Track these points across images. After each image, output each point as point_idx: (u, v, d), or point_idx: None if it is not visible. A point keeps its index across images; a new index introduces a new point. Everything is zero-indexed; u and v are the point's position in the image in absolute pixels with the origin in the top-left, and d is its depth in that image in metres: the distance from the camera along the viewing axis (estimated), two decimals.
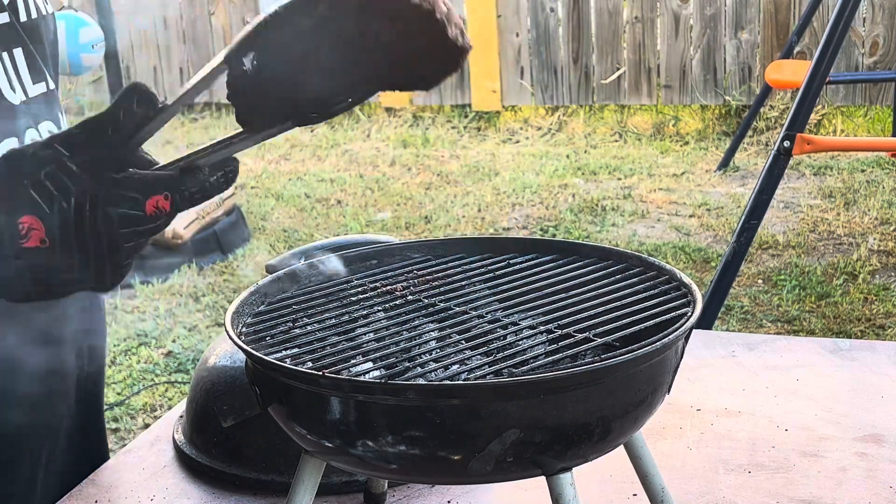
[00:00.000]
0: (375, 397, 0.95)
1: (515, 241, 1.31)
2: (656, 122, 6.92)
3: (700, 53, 6.74)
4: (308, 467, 1.08)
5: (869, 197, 5.49)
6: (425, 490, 1.34)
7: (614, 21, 6.86)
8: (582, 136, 6.90)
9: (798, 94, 3.45)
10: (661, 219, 5.45)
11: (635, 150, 6.58)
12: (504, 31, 7.05)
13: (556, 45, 7.00)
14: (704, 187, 5.88)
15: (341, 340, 1.09)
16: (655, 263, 1.21)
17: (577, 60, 6.97)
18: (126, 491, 1.37)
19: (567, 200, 5.75)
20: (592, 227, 5.37)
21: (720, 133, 6.73)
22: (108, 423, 3.77)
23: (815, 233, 5.11)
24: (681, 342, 1.05)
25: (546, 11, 6.96)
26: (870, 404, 1.50)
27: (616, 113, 7.03)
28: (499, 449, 0.95)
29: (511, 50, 7.07)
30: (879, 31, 6.38)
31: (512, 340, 1.09)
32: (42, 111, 1.35)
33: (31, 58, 1.33)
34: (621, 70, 6.91)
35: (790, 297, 4.41)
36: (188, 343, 4.33)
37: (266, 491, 1.35)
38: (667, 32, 6.78)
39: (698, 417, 1.49)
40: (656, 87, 6.88)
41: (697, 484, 1.33)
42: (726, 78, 6.71)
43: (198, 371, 1.46)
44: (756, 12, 6.59)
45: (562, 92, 7.05)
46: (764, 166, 3.45)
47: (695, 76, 6.77)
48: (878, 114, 6.52)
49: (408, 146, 6.95)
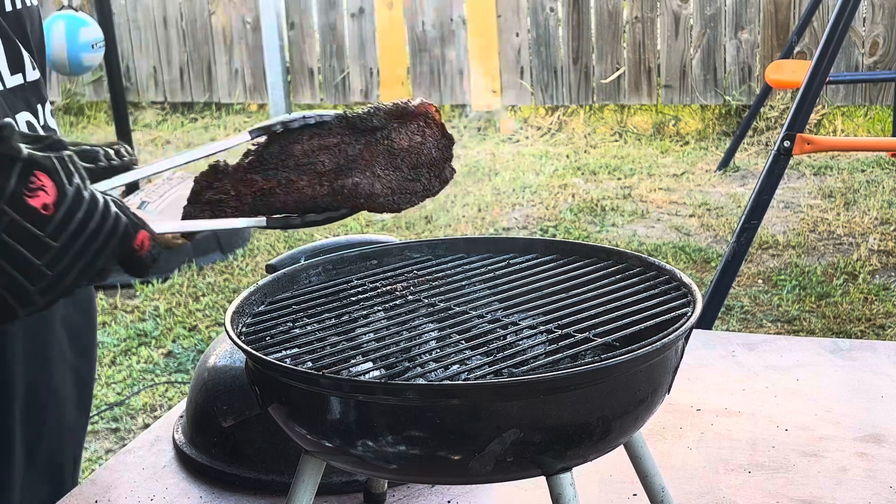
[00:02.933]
0: (375, 397, 0.95)
1: (515, 241, 1.31)
2: (656, 122, 6.92)
3: (700, 53, 6.74)
4: (308, 467, 1.08)
5: (869, 197, 5.49)
6: (425, 490, 1.34)
7: (614, 21, 6.86)
8: (582, 136, 6.89)
9: (798, 94, 3.45)
10: (661, 219, 5.45)
11: (635, 150, 6.58)
12: (504, 31, 7.05)
13: (556, 45, 7.00)
14: (704, 187, 5.88)
15: (341, 340, 1.09)
16: (655, 263, 1.21)
17: (577, 60, 6.97)
18: (126, 491, 1.37)
19: (567, 200, 5.75)
20: (592, 227, 5.37)
21: (720, 133, 6.73)
22: (108, 423, 3.77)
23: (815, 233, 5.11)
24: (681, 342, 1.05)
25: (546, 11, 6.96)
26: (870, 404, 1.50)
27: (616, 113, 7.03)
28: (499, 449, 0.95)
29: (511, 50, 7.07)
30: (879, 31, 6.38)
31: (512, 340, 1.09)
32: (19, 102, 1.35)
33: (12, 49, 1.33)
34: (621, 70, 6.91)
35: (790, 297, 4.41)
36: (188, 343, 4.33)
37: (266, 491, 1.35)
38: (667, 32, 6.78)
39: (698, 417, 1.49)
40: (656, 87, 6.88)
41: (697, 484, 1.33)
42: (726, 78, 6.71)
43: (198, 371, 1.46)
44: (756, 12, 6.59)
45: (562, 92, 7.05)
46: (764, 166, 3.45)
47: (695, 76, 6.77)
48: (878, 114, 6.52)
49: None
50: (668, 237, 5.18)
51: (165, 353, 4.28)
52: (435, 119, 1.16)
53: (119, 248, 0.95)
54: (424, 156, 1.16)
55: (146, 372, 4.12)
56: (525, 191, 5.91)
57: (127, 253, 0.97)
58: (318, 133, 1.13)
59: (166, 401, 3.91)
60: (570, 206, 5.64)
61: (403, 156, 1.15)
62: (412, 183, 1.16)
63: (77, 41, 4.38)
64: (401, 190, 1.16)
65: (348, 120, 1.14)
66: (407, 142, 1.15)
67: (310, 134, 1.14)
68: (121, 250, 0.96)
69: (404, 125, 1.15)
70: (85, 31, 4.42)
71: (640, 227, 5.34)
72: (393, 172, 1.15)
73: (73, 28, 4.39)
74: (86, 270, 0.94)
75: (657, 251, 4.93)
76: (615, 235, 5.23)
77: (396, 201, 1.16)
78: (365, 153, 1.14)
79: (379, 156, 1.14)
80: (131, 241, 0.96)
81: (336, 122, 1.14)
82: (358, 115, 1.14)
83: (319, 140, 1.13)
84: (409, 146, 1.15)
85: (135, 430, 3.71)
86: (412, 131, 1.15)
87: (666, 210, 5.56)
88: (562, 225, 5.40)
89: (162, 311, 4.61)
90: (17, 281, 0.90)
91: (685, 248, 4.97)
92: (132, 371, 4.12)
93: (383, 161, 1.13)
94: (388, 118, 1.15)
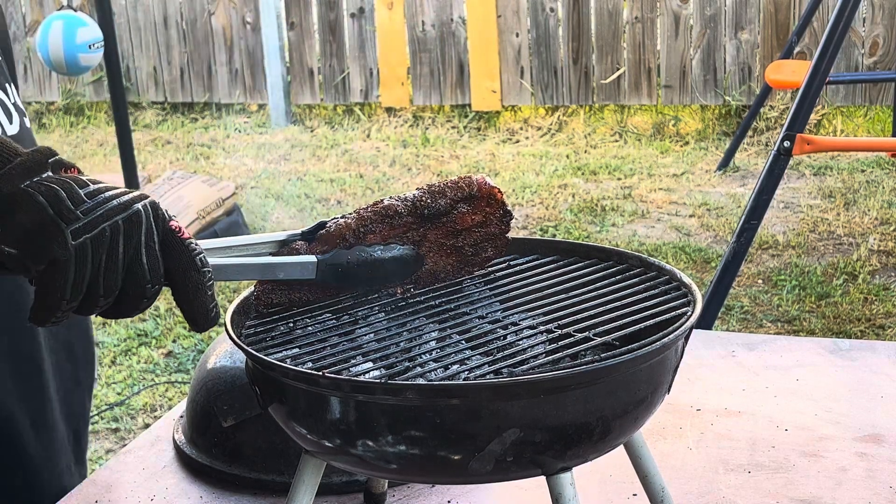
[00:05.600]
0: (375, 397, 0.95)
1: (516, 241, 1.31)
2: (656, 122, 6.92)
3: (700, 53, 6.74)
4: (308, 467, 1.08)
5: (869, 197, 5.49)
6: (425, 490, 1.34)
7: (614, 21, 6.86)
8: (582, 136, 6.89)
9: (798, 94, 3.45)
10: (661, 219, 5.45)
11: (635, 150, 6.58)
12: (504, 31, 7.05)
13: (556, 45, 7.00)
14: (704, 187, 5.88)
15: (341, 341, 1.09)
16: (655, 263, 1.21)
17: (577, 60, 6.97)
18: (126, 491, 1.37)
19: (567, 200, 5.75)
20: (592, 227, 5.37)
21: (720, 133, 6.73)
22: (108, 423, 3.77)
23: (815, 233, 5.11)
24: (681, 342, 1.05)
25: (546, 11, 6.96)
26: (870, 404, 1.50)
27: (616, 113, 7.03)
28: (499, 449, 0.95)
29: (511, 50, 7.07)
30: (879, 31, 6.38)
31: (512, 340, 1.09)
32: None
33: None
34: (621, 70, 6.90)
35: (790, 297, 4.41)
36: (188, 343, 4.33)
37: (266, 491, 1.35)
38: (667, 32, 6.78)
39: (698, 417, 1.49)
40: (656, 87, 6.88)
41: (697, 484, 1.33)
42: (726, 78, 6.71)
43: (198, 371, 1.46)
44: (756, 12, 6.59)
45: (562, 92, 7.05)
46: (764, 166, 3.45)
47: (695, 76, 6.77)
48: (878, 114, 6.52)
49: (408, 146, 6.95)
50: (668, 237, 5.18)
51: (165, 353, 4.28)
52: (497, 199, 1.17)
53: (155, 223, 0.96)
54: (486, 233, 1.18)
55: (146, 372, 4.12)
56: (525, 191, 5.91)
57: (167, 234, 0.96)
58: (390, 224, 1.14)
59: (166, 401, 3.91)
60: (570, 207, 5.64)
61: (465, 235, 1.17)
62: (474, 257, 1.19)
63: (74, 41, 4.38)
64: (463, 265, 1.19)
65: (416, 207, 1.14)
66: (469, 221, 1.16)
67: (381, 225, 1.14)
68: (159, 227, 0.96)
69: (468, 206, 1.16)
70: (82, 32, 4.41)
71: (640, 228, 5.34)
72: (457, 251, 1.17)
73: (70, 28, 4.38)
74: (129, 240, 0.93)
75: (657, 251, 4.93)
76: (615, 236, 5.23)
77: (458, 276, 1.19)
78: (429, 235, 1.15)
79: (443, 237, 1.16)
80: (166, 221, 0.97)
81: (405, 210, 1.14)
82: (426, 203, 1.14)
83: (390, 231, 1.14)
84: (472, 225, 1.17)
85: (135, 430, 3.71)
86: (475, 213, 1.17)
87: (666, 210, 5.56)
88: (562, 225, 5.40)
89: (162, 311, 4.61)
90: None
91: (685, 248, 4.97)
92: (132, 371, 4.12)
93: (448, 241, 1.16)
94: (453, 203, 1.15)
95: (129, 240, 0.94)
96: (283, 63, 7.53)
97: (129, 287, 0.94)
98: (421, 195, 1.14)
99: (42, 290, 0.92)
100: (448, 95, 7.25)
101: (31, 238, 0.91)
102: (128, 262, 0.94)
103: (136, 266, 0.94)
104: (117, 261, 0.93)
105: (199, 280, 0.97)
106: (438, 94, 7.26)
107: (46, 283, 0.92)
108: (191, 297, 0.97)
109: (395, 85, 7.34)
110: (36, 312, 0.94)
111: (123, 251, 0.93)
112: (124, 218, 0.93)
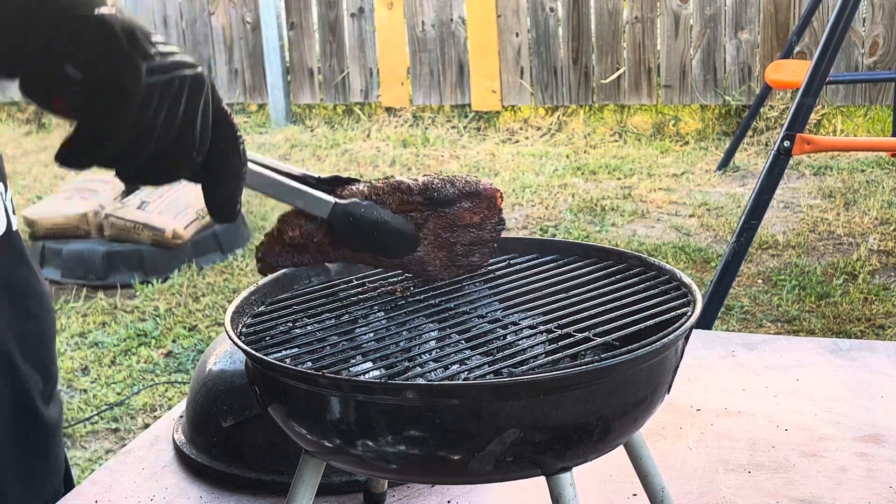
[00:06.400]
0: (375, 397, 0.95)
1: (515, 241, 1.31)
2: (656, 122, 6.92)
3: (700, 53, 6.74)
4: (308, 467, 1.08)
5: (869, 197, 5.49)
6: (425, 490, 1.34)
7: (614, 21, 6.86)
8: (582, 136, 6.89)
9: (798, 94, 3.45)
10: (661, 219, 5.45)
11: (635, 150, 6.58)
12: (504, 31, 7.05)
13: (556, 45, 7.00)
14: (704, 187, 5.88)
15: (341, 340, 1.09)
16: (655, 263, 1.21)
17: (577, 60, 6.97)
18: (126, 491, 1.37)
19: (567, 200, 5.75)
20: (592, 227, 5.37)
21: (720, 133, 6.73)
22: (108, 423, 3.77)
23: (815, 233, 5.11)
24: (681, 342, 1.05)
25: (546, 11, 6.96)
26: (870, 404, 1.50)
27: (616, 113, 7.03)
28: (499, 449, 0.95)
29: (511, 50, 7.07)
30: (879, 31, 6.38)
31: (512, 340, 1.09)
32: None
33: None
34: (621, 70, 6.91)
35: (790, 297, 4.41)
36: (188, 343, 4.33)
37: (266, 491, 1.35)
38: (667, 32, 6.78)
39: (698, 417, 1.49)
40: (656, 87, 6.88)
41: (697, 484, 1.33)
42: (726, 78, 6.71)
43: (197, 371, 1.46)
44: (756, 12, 6.59)
45: (562, 92, 7.05)
46: (764, 166, 3.45)
47: (695, 76, 6.77)
48: (878, 114, 6.52)
49: (408, 146, 6.95)
50: (668, 237, 5.18)
51: (165, 353, 4.28)
52: (497, 205, 1.21)
53: (213, 94, 0.93)
54: (479, 235, 1.20)
55: (146, 372, 4.12)
56: (525, 191, 5.91)
57: (219, 111, 0.93)
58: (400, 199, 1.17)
59: (166, 401, 3.91)
60: (570, 206, 5.64)
61: (461, 233, 1.19)
62: (462, 258, 1.20)
63: None
64: (450, 264, 1.20)
65: (426, 189, 1.17)
66: (468, 219, 1.19)
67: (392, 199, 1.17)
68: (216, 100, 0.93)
69: (470, 203, 1.19)
70: None
71: (640, 227, 5.34)
72: (449, 247, 1.19)
73: None
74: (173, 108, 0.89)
75: (657, 251, 4.93)
76: (615, 235, 5.23)
77: (442, 275, 1.20)
78: (430, 222, 1.17)
79: (441, 228, 1.17)
80: (220, 100, 0.94)
81: (416, 188, 1.17)
82: (436, 186, 1.17)
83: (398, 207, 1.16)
84: (469, 223, 1.19)
85: (135, 430, 3.71)
86: (475, 213, 1.19)
87: (666, 210, 5.56)
88: (561, 225, 5.40)
89: (162, 311, 4.61)
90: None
91: (685, 248, 4.97)
92: (132, 371, 4.12)
93: (444, 234, 1.18)
94: (459, 195, 1.18)
95: (192, 100, 0.90)
96: (283, 63, 7.53)
97: (175, 148, 0.90)
98: (432, 178, 1.17)
99: (91, 121, 0.87)
100: (448, 95, 7.25)
101: (103, 65, 0.86)
102: (185, 121, 0.90)
103: (188, 128, 0.90)
104: (176, 115, 0.89)
105: (238, 167, 0.95)
106: (438, 94, 7.27)
107: (102, 115, 0.86)
108: (225, 181, 0.96)
109: (395, 85, 7.34)
110: (76, 145, 0.87)
111: (184, 109, 0.89)
112: (193, 76, 0.90)
